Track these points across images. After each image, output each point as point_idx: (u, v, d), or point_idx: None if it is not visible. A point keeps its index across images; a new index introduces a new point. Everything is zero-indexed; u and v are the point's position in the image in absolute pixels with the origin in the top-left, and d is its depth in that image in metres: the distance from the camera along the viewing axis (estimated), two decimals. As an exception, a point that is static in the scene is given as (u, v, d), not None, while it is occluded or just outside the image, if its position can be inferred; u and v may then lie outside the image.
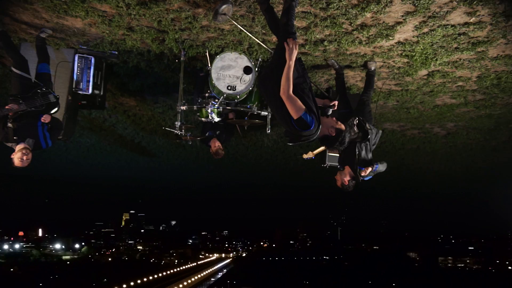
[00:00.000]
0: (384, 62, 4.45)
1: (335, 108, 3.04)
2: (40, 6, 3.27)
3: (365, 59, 4.30)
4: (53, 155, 11.23)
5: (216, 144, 4.51)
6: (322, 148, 5.01)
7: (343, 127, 2.83)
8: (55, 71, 4.17)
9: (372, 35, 3.68)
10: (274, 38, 3.84)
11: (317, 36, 3.71)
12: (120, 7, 3.25)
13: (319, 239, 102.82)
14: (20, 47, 4.07)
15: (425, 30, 3.63)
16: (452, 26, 3.56)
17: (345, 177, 3.71)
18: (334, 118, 2.82)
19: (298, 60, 2.81)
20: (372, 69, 4.47)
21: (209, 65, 4.13)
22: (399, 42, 3.90)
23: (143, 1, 3.18)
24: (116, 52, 4.31)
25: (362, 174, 3.78)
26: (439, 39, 3.81)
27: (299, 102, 2.58)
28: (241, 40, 3.91)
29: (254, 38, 3.57)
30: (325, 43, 3.84)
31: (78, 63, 4.31)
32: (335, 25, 3.48)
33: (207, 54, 4.13)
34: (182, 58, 4.22)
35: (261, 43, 3.67)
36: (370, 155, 3.89)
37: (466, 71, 4.62)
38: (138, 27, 3.67)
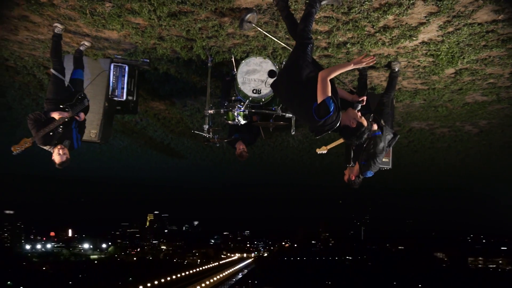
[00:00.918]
0: (409, 62, 4.43)
1: (364, 103, 3.06)
2: (82, 22, 3.57)
3: (389, 59, 4.31)
4: (88, 157, 11.89)
5: (241, 147, 4.62)
6: (336, 143, 5.03)
7: (365, 122, 2.89)
8: (92, 79, 4.50)
9: (395, 36, 3.70)
10: (297, 43, 3.95)
11: (340, 39, 3.78)
12: (152, 19, 3.48)
13: (342, 239, 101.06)
14: (64, 59, 4.38)
15: (450, 29, 3.61)
16: (479, 24, 3.52)
17: (353, 173, 3.81)
18: (358, 112, 2.87)
19: (313, 61, 2.90)
20: (396, 70, 4.47)
21: (235, 70, 4.31)
22: (423, 42, 3.88)
23: (173, 12, 3.38)
24: (148, 60, 4.57)
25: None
26: (465, 38, 3.76)
27: (329, 89, 2.65)
28: (265, 45, 4.04)
29: (279, 42, 3.69)
30: (348, 45, 3.90)
31: (113, 71, 4.61)
32: (358, 28, 3.54)
33: (233, 59, 4.30)
34: (209, 64, 4.42)
35: (286, 46, 3.78)
36: (381, 156, 3.91)
37: (497, 68, 4.50)
38: (168, 36, 3.90)
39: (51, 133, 3.56)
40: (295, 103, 2.85)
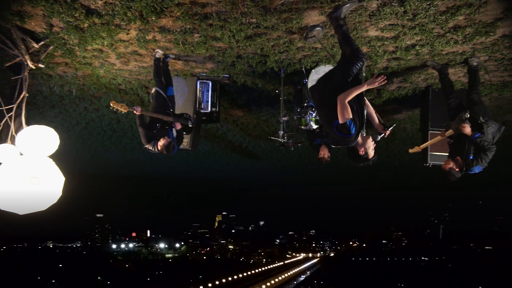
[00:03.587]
0: (490, 56, 4.21)
1: (385, 136, 3.22)
2: (175, 50, 4.31)
3: (465, 56, 4.17)
4: (177, 160, 13.38)
5: (322, 152, 4.78)
6: (429, 142, 4.98)
7: (371, 155, 3.03)
8: (184, 96, 5.29)
9: (468, 34, 3.62)
10: (364, 49, 4.11)
11: (408, 42, 3.83)
12: (231, 42, 4.03)
13: (417, 238, 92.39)
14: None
15: (535, 19, 3.39)
16: None
17: (456, 165, 3.82)
18: (374, 144, 3.03)
19: (352, 81, 3.06)
20: (475, 64, 4.29)
21: (306, 79, 4.65)
22: (504, 36, 3.70)
23: (249, 35, 3.87)
24: (228, 75, 5.18)
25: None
26: (557, 25, 3.48)
27: (349, 111, 2.83)
28: (333, 54, 4.29)
29: (332, 57, 3.91)
30: (417, 47, 3.92)
31: (199, 87, 5.34)
32: (425, 31, 3.57)
33: (303, 69, 4.64)
34: (281, 75, 4.84)
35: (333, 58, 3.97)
36: (490, 151, 3.82)
37: None
38: (245, 54, 4.42)
39: (154, 130, 4.33)
40: (322, 112, 3.08)
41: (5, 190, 3.16)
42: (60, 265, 61.15)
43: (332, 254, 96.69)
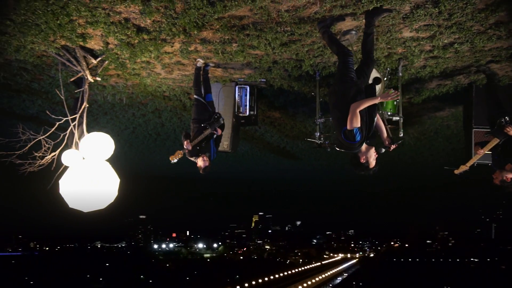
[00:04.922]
0: (538, 50, 4.02)
1: (390, 150, 3.30)
2: (215, 59, 4.60)
3: (511, 51, 4.02)
4: (217, 161, 13.83)
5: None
6: (475, 158, 4.77)
7: (372, 165, 3.12)
8: (224, 101, 5.59)
9: None
10: (399, 50, 4.11)
11: (445, 41, 3.78)
12: (267, 50, 4.23)
13: (465, 238, 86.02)
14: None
15: None
16: None
17: (507, 174, 3.68)
18: (376, 155, 3.13)
19: (363, 83, 3.19)
20: (522, 59, 4.11)
21: (341, 81, 4.71)
22: (551, 29, 3.53)
23: (284, 42, 4.05)
24: (265, 80, 5.39)
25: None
26: None
27: (359, 120, 2.94)
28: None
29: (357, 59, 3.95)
30: (456, 45, 3.85)
31: (238, 92, 5.60)
32: (463, 30, 3.51)
33: (338, 71, 4.72)
34: (317, 78, 4.95)
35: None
36: None
37: None
38: (280, 60, 4.60)
39: (197, 147, 4.64)
40: (335, 115, 3.20)
41: (72, 190, 3.63)
42: (107, 264, 64.86)
43: (372, 255, 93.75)
